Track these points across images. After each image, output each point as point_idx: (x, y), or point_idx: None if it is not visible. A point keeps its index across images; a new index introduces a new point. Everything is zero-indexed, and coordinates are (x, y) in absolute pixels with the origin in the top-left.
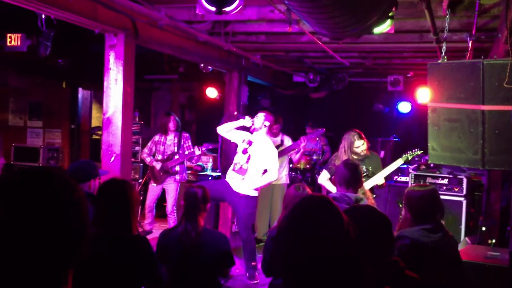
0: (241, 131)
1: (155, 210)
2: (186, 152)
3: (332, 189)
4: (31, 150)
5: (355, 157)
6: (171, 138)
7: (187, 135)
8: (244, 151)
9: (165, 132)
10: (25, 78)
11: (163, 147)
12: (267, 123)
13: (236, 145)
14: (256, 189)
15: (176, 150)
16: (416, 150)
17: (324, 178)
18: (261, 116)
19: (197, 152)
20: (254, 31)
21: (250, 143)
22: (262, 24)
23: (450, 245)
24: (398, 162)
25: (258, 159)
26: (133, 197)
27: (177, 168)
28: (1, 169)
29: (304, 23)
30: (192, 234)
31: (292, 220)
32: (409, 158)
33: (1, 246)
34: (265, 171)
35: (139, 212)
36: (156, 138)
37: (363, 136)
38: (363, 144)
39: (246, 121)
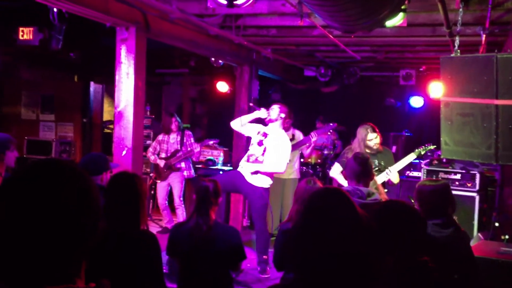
0: (255, 124)
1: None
2: (189, 149)
3: (344, 182)
4: (44, 143)
5: (368, 151)
6: (174, 137)
7: (190, 133)
8: (260, 143)
9: (168, 132)
10: (38, 71)
11: (166, 145)
12: (283, 115)
13: (247, 139)
14: (266, 174)
15: (179, 148)
16: (429, 145)
17: (336, 172)
18: (276, 107)
19: (196, 149)
20: (265, 25)
21: (265, 135)
22: (273, 17)
23: (462, 240)
24: (411, 157)
25: (273, 151)
26: (142, 190)
27: (183, 164)
28: (14, 162)
29: (316, 16)
30: (203, 228)
31: (305, 214)
32: (422, 153)
33: (16, 238)
34: None
35: (152, 208)
36: (160, 137)
37: (377, 129)
38: (376, 138)
39: (262, 112)
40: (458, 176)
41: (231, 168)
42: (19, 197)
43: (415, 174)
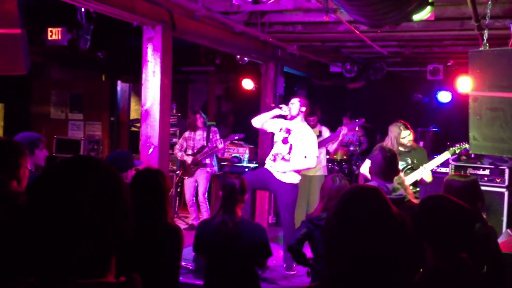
0: (277, 119)
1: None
2: (214, 145)
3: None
4: (73, 142)
5: (401, 148)
6: (200, 133)
7: (215, 129)
8: (285, 141)
9: (194, 129)
10: (66, 71)
11: (193, 142)
12: (304, 108)
13: (272, 136)
14: (296, 171)
15: (205, 144)
16: (464, 143)
17: (366, 168)
18: (296, 102)
19: (220, 145)
20: (290, 21)
21: (288, 131)
22: (298, 14)
23: (489, 236)
24: (445, 156)
25: (299, 148)
26: (165, 186)
27: (207, 160)
28: (44, 160)
29: (342, 11)
30: (229, 224)
31: (337, 211)
32: (457, 152)
33: (49, 233)
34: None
35: (180, 205)
36: (186, 134)
37: (409, 127)
38: (409, 135)
39: (283, 110)
40: (487, 172)
41: (256, 165)
42: (50, 195)
43: (443, 170)
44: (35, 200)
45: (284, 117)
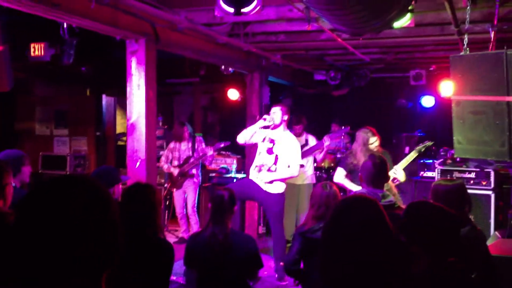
0: (260, 130)
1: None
2: (201, 154)
3: (352, 187)
4: (58, 158)
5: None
6: (185, 144)
7: (200, 138)
8: (270, 151)
9: (180, 140)
10: (50, 87)
11: (178, 153)
12: (286, 117)
13: None
14: (281, 180)
15: (191, 154)
16: (426, 142)
17: (341, 176)
18: (277, 110)
19: (209, 152)
20: (273, 31)
21: (272, 141)
22: (281, 23)
23: (478, 239)
24: (412, 156)
25: (285, 158)
26: (155, 200)
27: (194, 171)
28: (29, 176)
29: (323, 20)
30: (219, 237)
31: (330, 221)
32: (422, 150)
33: (36, 251)
34: None
35: (168, 218)
36: (171, 145)
37: (376, 133)
38: (376, 141)
39: (267, 121)
40: (473, 175)
41: (244, 175)
42: (41, 210)
43: (429, 174)
44: (25, 217)
45: (267, 126)
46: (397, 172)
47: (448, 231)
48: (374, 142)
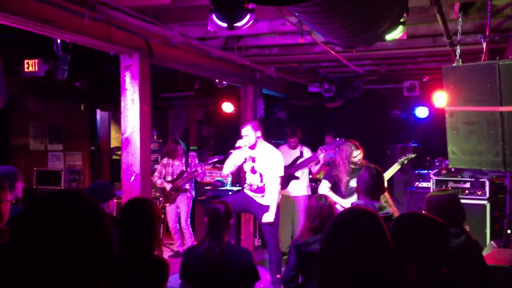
0: (240, 153)
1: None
2: (193, 170)
3: (337, 199)
4: (53, 173)
5: (352, 166)
6: (178, 160)
7: (194, 153)
8: (253, 171)
9: (173, 157)
10: (44, 102)
11: (171, 168)
12: (259, 133)
13: None
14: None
15: (184, 169)
16: (409, 154)
17: (325, 188)
18: (249, 131)
19: (199, 170)
20: (266, 44)
21: (253, 159)
22: (274, 37)
23: (473, 249)
24: (395, 168)
25: (269, 172)
26: (155, 214)
27: (187, 186)
28: (21, 192)
29: (316, 34)
30: (216, 251)
31: (327, 235)
32: (405, 162)
33: (29, 268)
34: None
35: (164, 232)
36: (165, 161)
37: (359, 146)
38: (359, 154)
39: (242, 144)
40: (468, 185)
41: (239, 188)
42: (37, 226)
43: (424, 184)
44: (21, 234)
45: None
46: None
47: (438, 242)
48: (357, 155)
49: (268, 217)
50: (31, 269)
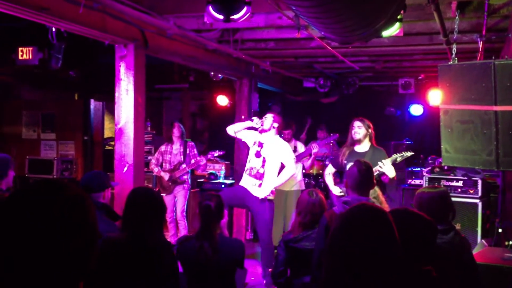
0: (252, 132)
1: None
2: (192, 161)
3: (332, 188)
4: (45, 162)
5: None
6: (177, 148)
7: (192, 143)
8: (258, 155)
9: (170, 140)
10: (38, 91)
11: (169, 156)
12: (276, 125)
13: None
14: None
15: (182, 160)
16: (404, 152)
17: (328, 172)
18: (269, 117)
19: (203, 161)
20: (263, 38)
21: (261, 145)
22: (270, 30)
23: (462, 246)
24: (395, 157)
25: (273, 160)
26: (161, 203)
27: (185, 177)
28: (12, 181)
29: (313, 28)
30: (209, 252)
31: (341, 231)
32: (398, 160)
33: (15, 258)
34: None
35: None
36: (163, 148)
37: (367, 122)
38: (358, 127)
39: (255, 122)
40: (460, 183)
41: (233, 181)
42: (19, 214)
43: (417, 182)
44: (2, 221)
45: (257, 130)
46: (384, 166)
47: (424, 239)
48: (356, 127)
49: (260, 193)
50: (12, 259)
